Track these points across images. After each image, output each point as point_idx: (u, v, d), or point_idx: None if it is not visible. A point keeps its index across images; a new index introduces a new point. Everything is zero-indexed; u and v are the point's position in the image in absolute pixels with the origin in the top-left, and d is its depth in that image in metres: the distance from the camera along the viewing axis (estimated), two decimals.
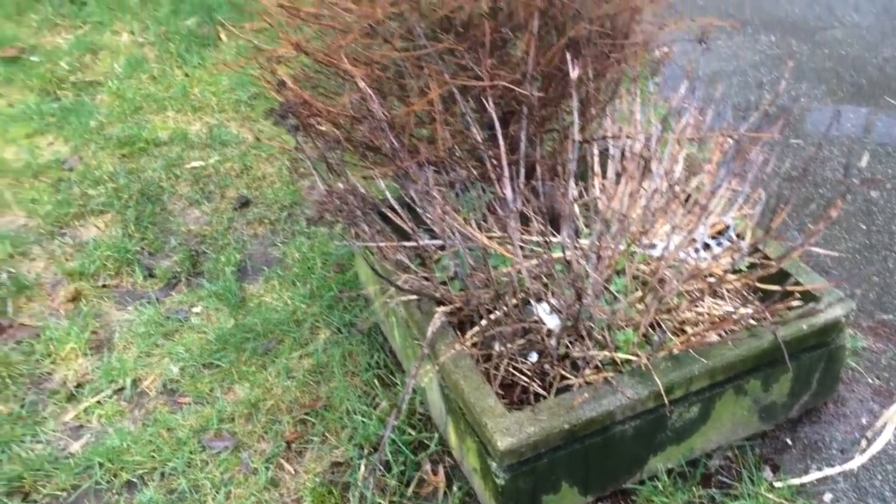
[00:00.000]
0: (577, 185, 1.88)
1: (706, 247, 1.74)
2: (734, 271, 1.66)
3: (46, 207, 2.53)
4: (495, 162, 1.53)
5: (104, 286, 2.21)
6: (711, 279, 1.66)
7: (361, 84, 1.54)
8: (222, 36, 3.59)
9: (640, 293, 1.59)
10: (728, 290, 1.74)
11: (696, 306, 1.64)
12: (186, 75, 3.31)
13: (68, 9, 3.74)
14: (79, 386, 1.88)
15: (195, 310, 2.12)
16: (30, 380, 1.90)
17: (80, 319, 2.06)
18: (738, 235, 1.78)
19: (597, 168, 1.91)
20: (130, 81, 3.24)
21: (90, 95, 3.16)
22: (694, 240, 1.66)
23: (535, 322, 1.53)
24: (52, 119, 2.97)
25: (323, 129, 1.67)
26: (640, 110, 1.90)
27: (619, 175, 1.80)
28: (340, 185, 1.56)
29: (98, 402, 1.83)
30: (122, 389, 1.86)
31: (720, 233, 1.79)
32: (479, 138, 1.60)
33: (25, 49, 3.42)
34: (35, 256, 2.34)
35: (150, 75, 3.30)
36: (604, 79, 1.80)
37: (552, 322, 1.52)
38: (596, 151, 1.92)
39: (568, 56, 1.50)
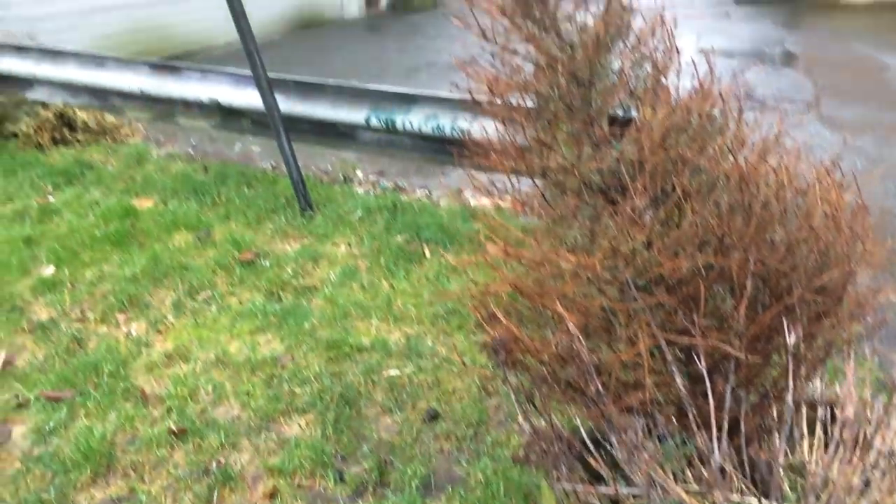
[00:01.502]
0: (784, 446, 1.80)
1: None
2: None
3: (258, 402, 2.76)
4: (700, 416, 1.52)
5: (299, 486, 2.33)
6: None
7: (572, 328, 1.62)
8: (427, 253, 3.89)
9: None
10: None
11: None
12: (392, 287, 3.59)
13: (299, 221, 4.25)
14: None
15: None
16: None
17: None
18: None
19: (805, 430, 1.83)
20: (342, 289, 3.56)
21: (307, 299, 3.49)
22: None
23: None
24: (272, 319, 3.30)
25: (529, 364, 1.75)
26: (853, 373, 1.83)
27: (831, 441, 1.71)
28: (543, 425, 1.61)
29: None
30: None
31: None
32: (684, 390, 1.60)
33: (259, 254, 3.89)
34: (242, 449, 2.52)
35: (360, 284, 3.62)
36: (815, 339, 1.77)
37: None
38: (805, 412, 1.85)
39: (784, 320, 1.51)
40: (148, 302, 3.47)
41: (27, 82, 5.07)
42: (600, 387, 1.57)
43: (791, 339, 1.46)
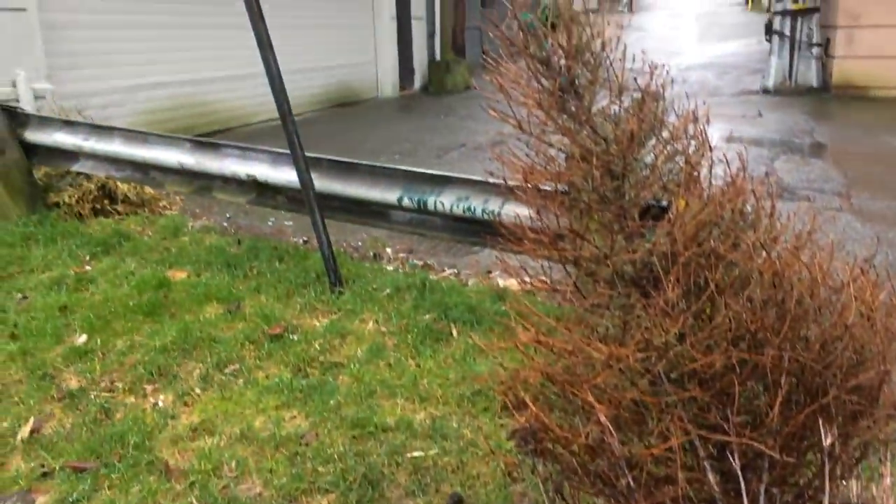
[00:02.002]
0: None
1: None
2: None
3: (281, 479, 2.74)
4: None
5: None
6: None
7: (603, 419, 1.61)
8: (454, 333, 3.90)
9: None
10: None
11: None
12: (418, 366, 3.59)
13: (328, 296, 4.29)
14: None
15: None
16: None
17: None
18: None
19: None
20: (369, 366, 3.57)
21: (333, 376, 3.50)
22: None
23: None
24: (298, 394, 3.30)
25: (558, 454, 1.73)
26: (890, 474, 1.79)
27: None
28: None
29: None
30: None
31: None
32: (717, 488, 1.58)
33: (288, 328, 3.92)
34: None
35: (386, 362, 3.62)
36: (851, 440, 1.74)
37: None
38: None
39: (819, 420, 1.49)
40: (176, 373, 3.50)
41: (73, 155, 5.26)
42: (631, 481, 1.56)
43: (827, 440, 1.44)
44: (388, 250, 5.33)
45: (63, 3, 7.42)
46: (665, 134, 2.06)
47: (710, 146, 1.97)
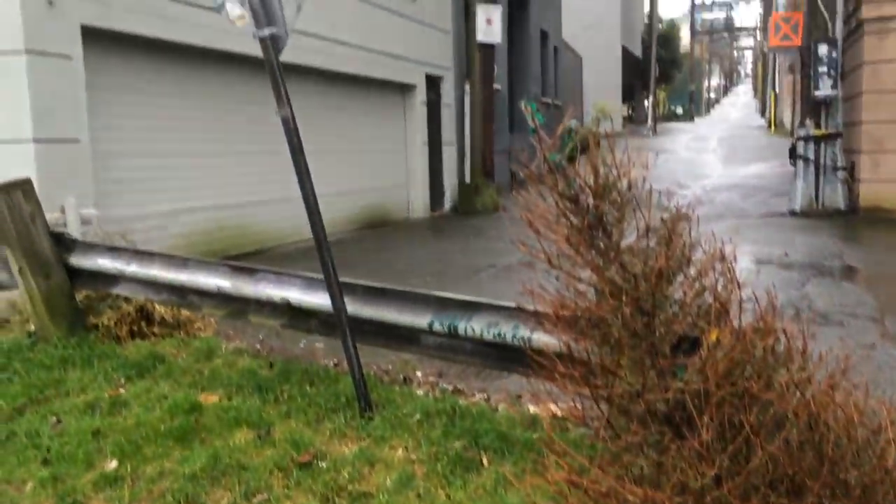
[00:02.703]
0: None
1: None
2: None
3: None
4: None
5: None
6: None
7: None
8: (485, 461, 3.84)
9: None
10: None
11: None
12: (448, 497, 3.52)
13: (357, 421, 4.27)
14: None
15: None
16: None
17: None
18: None
19: None
20: (398, 497, 3.50)
21: None
22: None
23: None
24: None
25: None
26: None
27: None
28: None
29: None
30: None
31: None
32: None
33: (317, 455, 3.89)
34: None
35: (416, 492, 3.56)
36: None
37: None
38: None
39: None
40: (204, 502, 3.46)
41: (115, 278, 5.43)
42: None
43: None
44: (418, 374, 5.32)
45: (111, 134, 7.86)
46: (693, 270, 2.11)
47: (738, 284, 2.00)
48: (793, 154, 13.81)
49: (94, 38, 7.45)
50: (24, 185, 5.37)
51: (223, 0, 4.08)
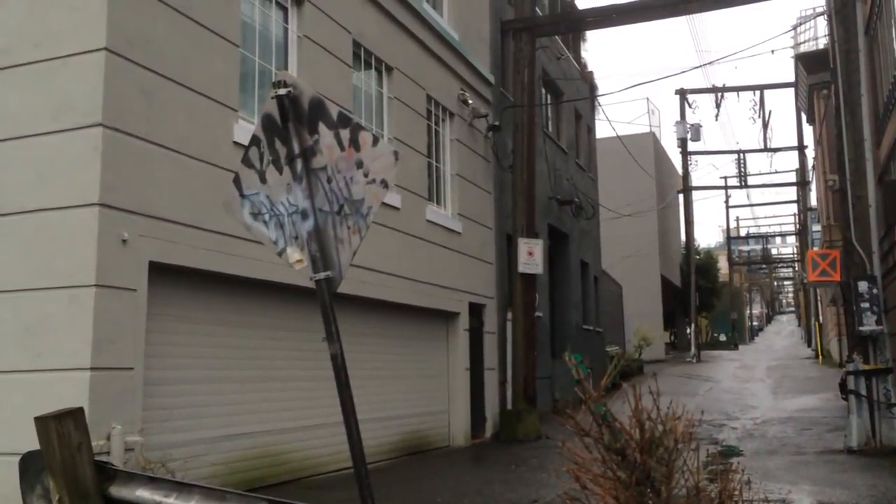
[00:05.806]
0: None
1: None
2: None
3: None
4: None
5: None
6: None
7: None
8: None
9: None
10: None
11: None
12: None
13: None
14: None
15: None
16: None
17: None
18: None
19: None
20: None
21: None
22: None
23: None
24: None
25: None
26: None
27: None
28: None
29: None
30: None
31: None
32: None
33: None
34: None
35: None
36: None
37: None
38: None
39: None
40: None
41: None
42: None
43: None
44: None
45: (162, 361, 8.04)
46: None
47: None
48: (843, 388, 13.46)
49: (160, 271, 7.88)
50: (76, 415, 5.47)
51: (285, 245, 4.38)
